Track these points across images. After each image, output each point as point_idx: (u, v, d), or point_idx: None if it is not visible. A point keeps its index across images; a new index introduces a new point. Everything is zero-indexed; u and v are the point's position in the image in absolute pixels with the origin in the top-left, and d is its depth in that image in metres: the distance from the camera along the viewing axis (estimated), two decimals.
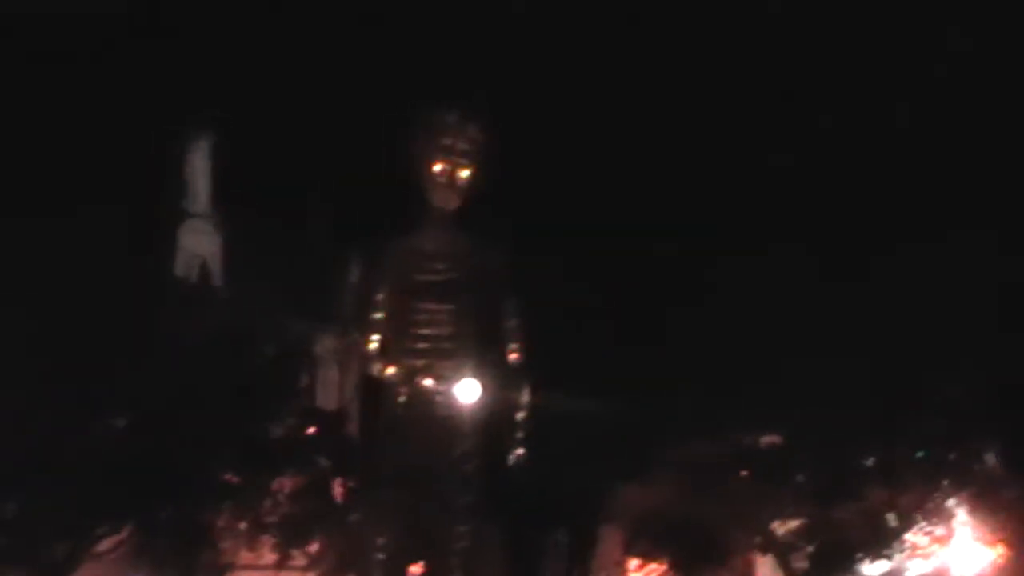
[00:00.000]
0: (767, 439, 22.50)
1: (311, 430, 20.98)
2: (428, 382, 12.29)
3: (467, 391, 12.51)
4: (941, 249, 21.10)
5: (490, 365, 12.75)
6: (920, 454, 21.99)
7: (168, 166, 23.30)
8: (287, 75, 21.29)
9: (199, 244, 23.48)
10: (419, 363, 12.41)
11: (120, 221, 20.11)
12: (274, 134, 21.30)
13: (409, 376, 12.23)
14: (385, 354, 12.37)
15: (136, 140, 21.49)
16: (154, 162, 22.26)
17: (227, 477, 20.55)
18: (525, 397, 12.87)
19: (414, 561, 13.40)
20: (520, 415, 12.81)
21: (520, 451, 12.95)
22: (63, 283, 18.82)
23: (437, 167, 12.23)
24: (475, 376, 12.67)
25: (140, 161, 21.82)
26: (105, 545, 20.08)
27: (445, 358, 12.44)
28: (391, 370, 12.26)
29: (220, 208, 23.79)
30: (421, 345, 12.33)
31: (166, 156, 23.04)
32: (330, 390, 23.67)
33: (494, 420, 13.06)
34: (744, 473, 22.16)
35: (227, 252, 23.26)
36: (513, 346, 12.74)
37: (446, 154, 12.22)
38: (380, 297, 12.40)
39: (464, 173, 12.30)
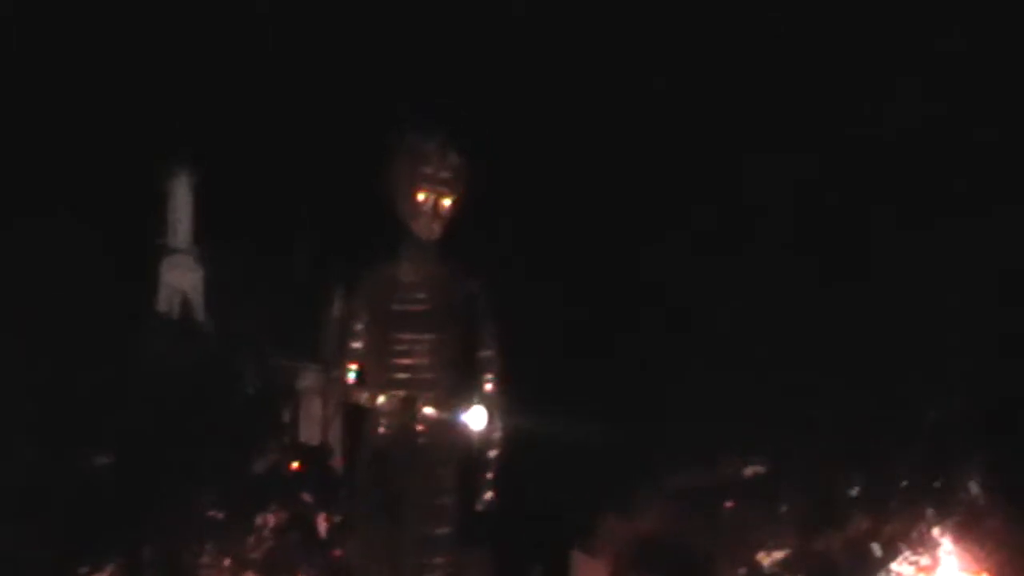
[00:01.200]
0: (751, 469, 22.47)
1: (294, 465, 20.98)
2: (428, 410, 12.27)
3: (477, 418, 12.55)
4: (920, 274, 21.15)
5: (466, 396, 12.73)
6: (904, 483, 21.97)
7: (150, 201, 23.34)
8: (267, 108, 21.30)
9: (181, 279, 23.49)
10: (404, 393, 12.38)
11: (102, 256, 20.13)
12: (255, 168, 21.32)
13: (408, 405, 12.17)
14: (363, 384, 12.33)
15: (118, 175, 21.52)
16: (136, 197, 22.30)
17: (211, 513, 20.52)
18: (498, 433, 12.81)
19: None
20: (493, 453, 12.77)
21: (491, 495, 12.89)
22: (43, 319, 18.79)
23: (420, 196, 12.21)
24: (453, 406, 12.64)
25: (122, 196, 21.83)
26: None
27: (424, 389, 12.41)
28: (381, 399, 12.21)
29: (202, 243, 23.81)
30: (400, 376, 12.30)
31: (148, 191, 23.09)
32: (313, 424, 23.64)
33: (471, 454, 13.01)
34: (729, 503, 22.12)
35: (209, 287, 23.26)
36: (489, 376, 12.71)
37: (429, 183, 12.19)
38: (358, 327, 12.36)
39: (447, 202, 12.29)
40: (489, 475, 12.42)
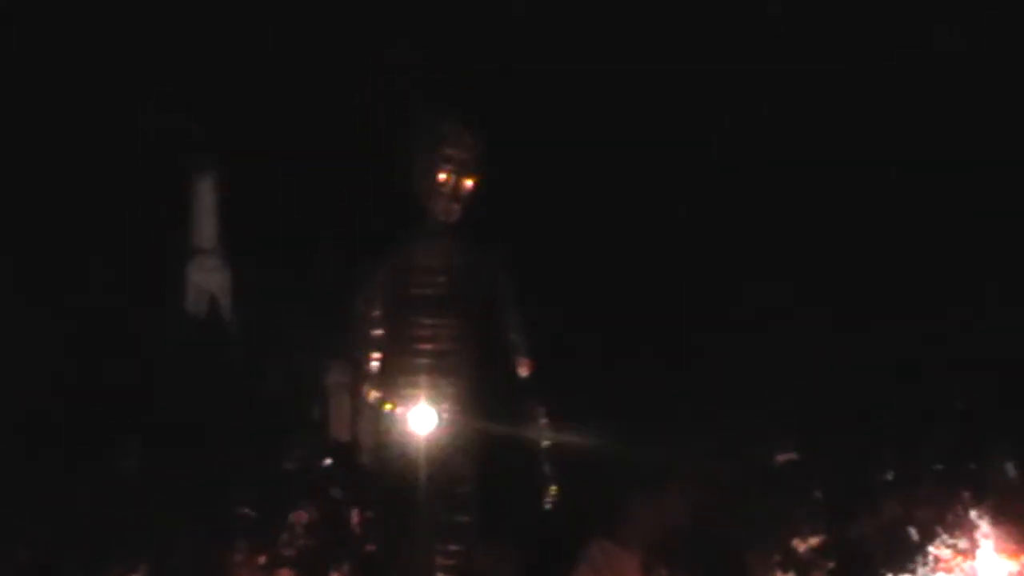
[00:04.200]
0: (783, 456, 22.33)
1: (325, 462, 20.96)
2: (397, 409, 12.17)
3: (421, 419, 12.24)
4: (950, 257, 21.09)
5: (497, 381, 12.64)
6: (938, 466, 21.83)
7: (175, 203, 23.33)
8: (285, 107, 21.27)
9: (208, 279, 23.42)
10: (400, 386, 12.21)
11: (128, 256, 20.21)
12: (276, 166, 21.29)
13: (380, 402, 12.13)
14: (384, 372, 12.29)
15: (141, 176, 21.54)
16: (161, 199, 22.29)
17: (243, 512, 20.55)
18: (544, 419, 12.71)
19: None
20: (546, 443, 12.68)
21: (555, 489, 12.83)
22: (69, 318, 18.86)
23: (441, 177, 12.12)
24: (476, 397, 12.54)
25: (147, 198, 21.85)
26: None
27: (447, 375, 12.33)
28: (375, 394, 12.20)
29: (227, 243, 23.75)
30: (422, 361, 12.23)
31: (172, 192, 23.08)
32: (343, 420, 23.60)
33: (505, 443, 12.87)
34: (760, 491, 21.97)
35: (236, 287, 23.22)
36: (522, 360, 12.60)
37: (449, 164, 12.11)
38: (377, 314, 12.32)
39: (468, 183, 12.21)
40: (547, 468, 12.34)
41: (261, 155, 21.32)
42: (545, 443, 12.63)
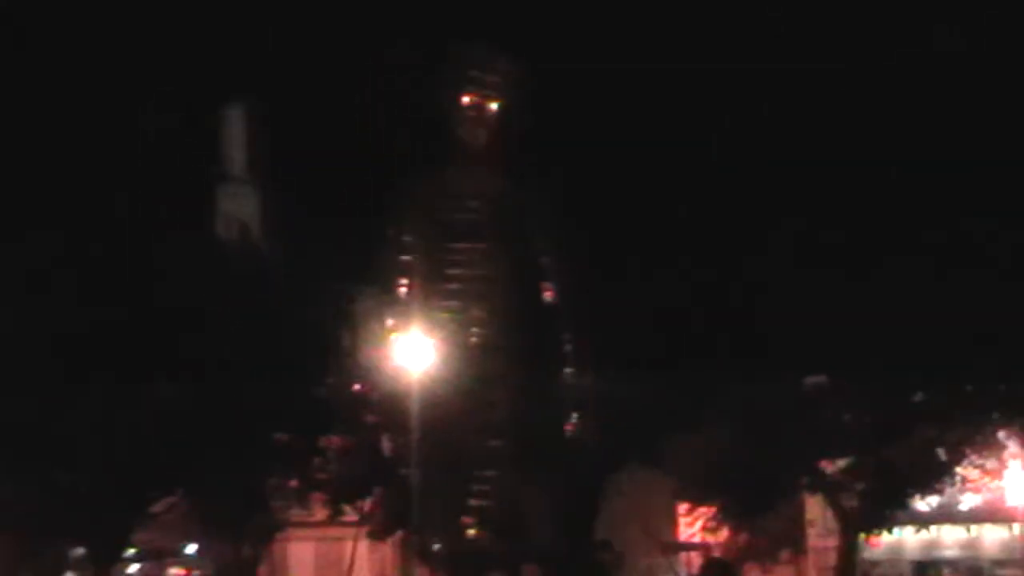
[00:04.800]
0: (813, 380, 22.26)
1: (356, 387, 20.95)
2: (397, 336, 12.22)
3: (413, 352, 12.21)
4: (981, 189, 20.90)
5: (527, 307, 12.68)
6: (969, 388, 21.74)
7: (205, 132, 23.28)
8: (315, 35, 21.11)
9: (238, 207, 23.38)
10: (430, 311, 12.26)
11: (159, 185, 20.23)
12: (306, 95, 21.16)
13: (392, 329, 12.14)
14: (413, 298, 12.37)
15: (174, 107, 21.49)
16: (192, 129, 22.23)
17: (276, 437, 20.62)
18: (569, 345, 12.76)
19: (463, 514, 13.35)
20: (569, 370, 12.72)
21: (577, 417, 12.88)
22: (114, 249, 18.89)
23: (466, 99, 12.15)
24: (506, 323, 12.55)
25: (179, 129, 21.80)
26: (158, 508, 20.23)
27: (478, 300, 12.41)
28: (391, 320, 12.27)
29: (257, 171, 23.69)
30: (453, 286, 12.32)
31: (203, 122, 23.03)
32: (373, 346, 23.63)
33: (535, 369, 12.93)
34: (792, 415, 21.93)
35: (266, 214, 23.18)
36: (549, 284, 12.66)
37: (475, 86, 12.14)
38: (408, 239, 12.38)
39: (493, 105, 12.21)
40: (576, 394, 12.34)
41: (290, 85, 21.20)
42: (574, 369, 12.70)
